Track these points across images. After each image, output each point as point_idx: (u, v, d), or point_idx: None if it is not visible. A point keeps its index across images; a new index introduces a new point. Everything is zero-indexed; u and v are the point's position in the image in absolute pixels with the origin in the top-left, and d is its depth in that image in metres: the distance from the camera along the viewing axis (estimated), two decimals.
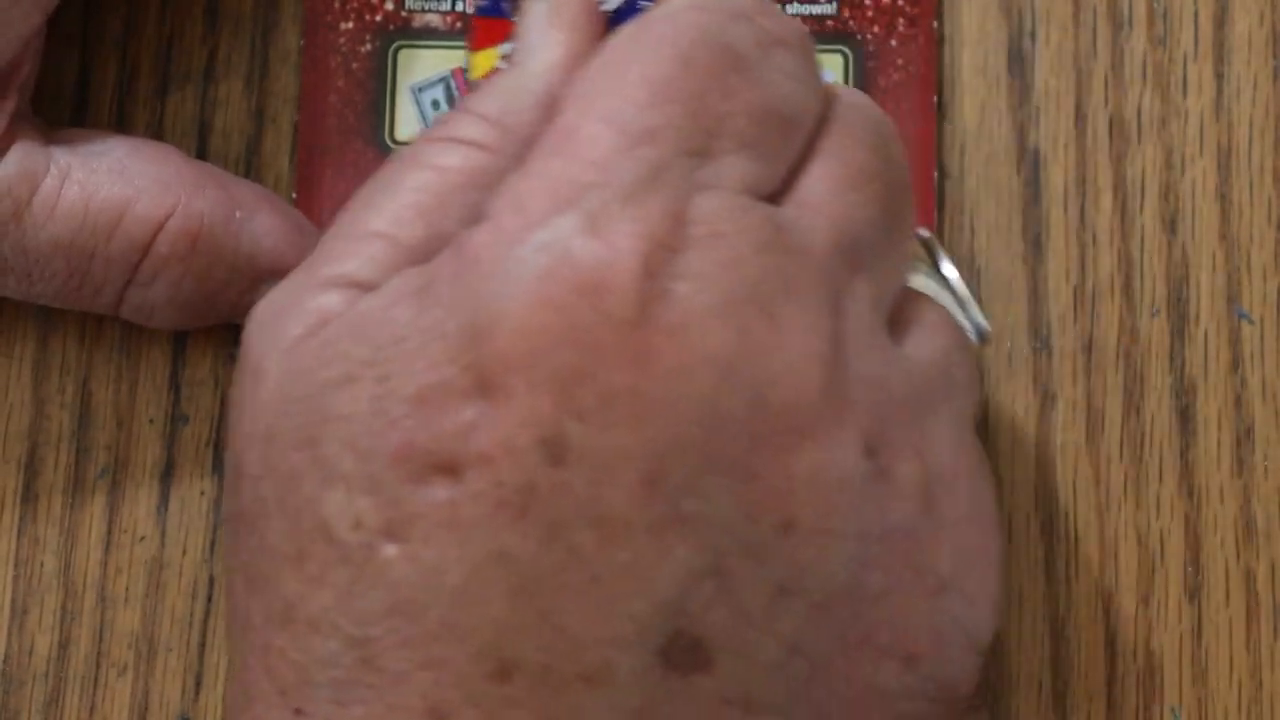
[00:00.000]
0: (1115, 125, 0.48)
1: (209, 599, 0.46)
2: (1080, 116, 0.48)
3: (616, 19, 0.41)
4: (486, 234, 0.36)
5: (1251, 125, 0.48)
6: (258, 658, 0.36)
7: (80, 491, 0.47)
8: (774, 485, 0.35)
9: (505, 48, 0.44)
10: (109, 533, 0.47)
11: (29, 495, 0.47)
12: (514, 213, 0.36)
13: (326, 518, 0.36)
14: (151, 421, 0.47)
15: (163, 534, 0.47)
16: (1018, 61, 0.49)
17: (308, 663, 0.36)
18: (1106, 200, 0.48)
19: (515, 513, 0.35)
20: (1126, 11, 0.49)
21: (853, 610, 0.37)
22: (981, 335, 0.44)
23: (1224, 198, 0.48)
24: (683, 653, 0.35)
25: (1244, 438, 0.47)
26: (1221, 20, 0.49)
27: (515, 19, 0.43)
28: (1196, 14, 0.49)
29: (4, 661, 0.46)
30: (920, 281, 0.43)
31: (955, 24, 0.49)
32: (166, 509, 0.47)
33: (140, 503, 0.47)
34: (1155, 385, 0.47)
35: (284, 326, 0.38)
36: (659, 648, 0.35)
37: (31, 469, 0.47)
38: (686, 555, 0.35)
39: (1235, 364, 0.47)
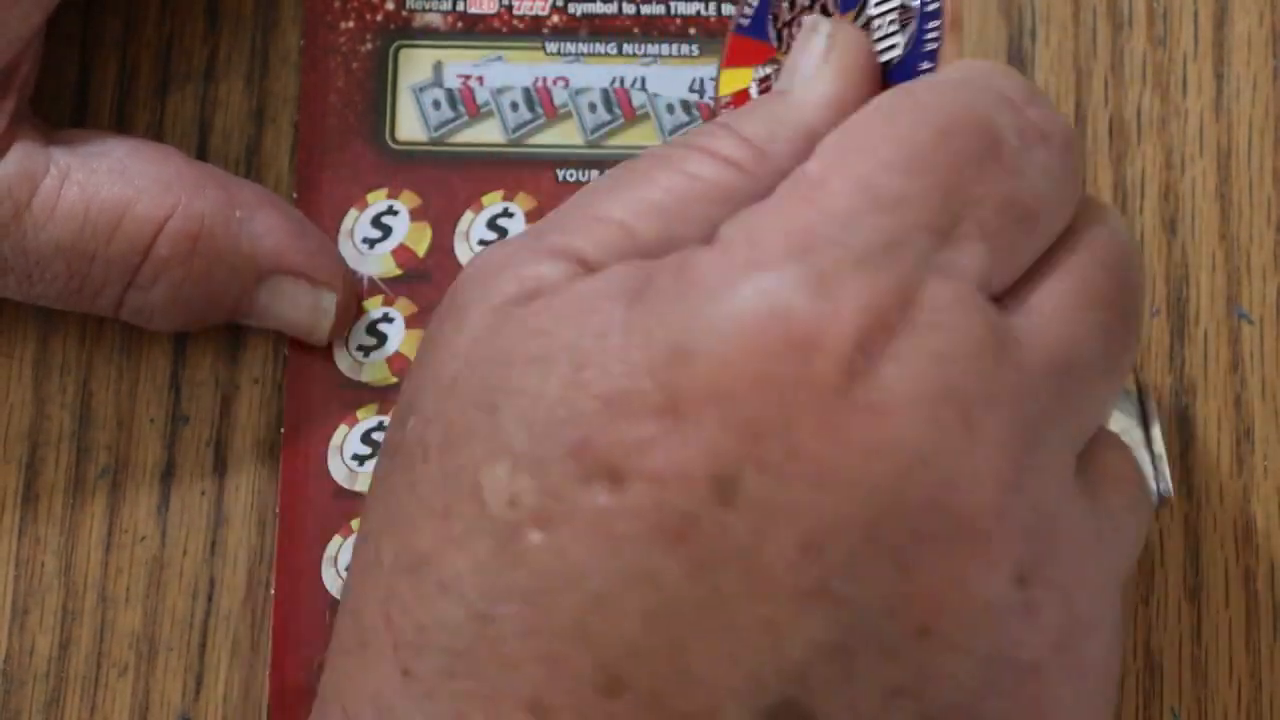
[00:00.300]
0: (1115, 125, 0.48)
1: (209, 599, 0.46)
2: (1080, 116, 0.48)
3: (891, 73, 0.41)
4: (714, 257, 0.36)
5: (1251, 125, 0.48)
6: (379, 601, 0.36)
7: (81, 491, 0.47)
8: (924, 588, 0.35)
9: (760, 71, 0.43)
10: (109, 533, 0.47)
11: (29, 495, 0.47)
12: (746, 245, 0.36)
13: (483, 485, 0.35)
14: (152, 421, 0.47)
15: (163, 534, 0.47)
16: (1018, 61, 0.49)
17: (429, 624, 0.35)
18: (1106, 200, 0.48)
19: (671, 539, 0.34)
20: (1126, 11, 0.49)
21: None
22: (1164, 498, 0.43)
23: (1224, 198, 0.48)
24: None
25: (1244, 438, 0.47)
26: (1221, 20, 0.49)
27: (775, 45, 0.43)
28: (1196, 14, 0.49)
29: (5, 661, 0.46)
30: (1121, 422, 0.43)
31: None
32: (167, 509, 0.47)
33: (140, 503, 0.47)
34: (1155, 385, 0.47)
35: (499, 283, 0.37)
36: (768, 709, 0.35)
37: (32, 469, 0.47)
38: (821, 629, 0.35)
39: (1235, 364, 0.47)
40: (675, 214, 0.38)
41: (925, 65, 0.40)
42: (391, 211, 0.48)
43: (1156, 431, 0.43)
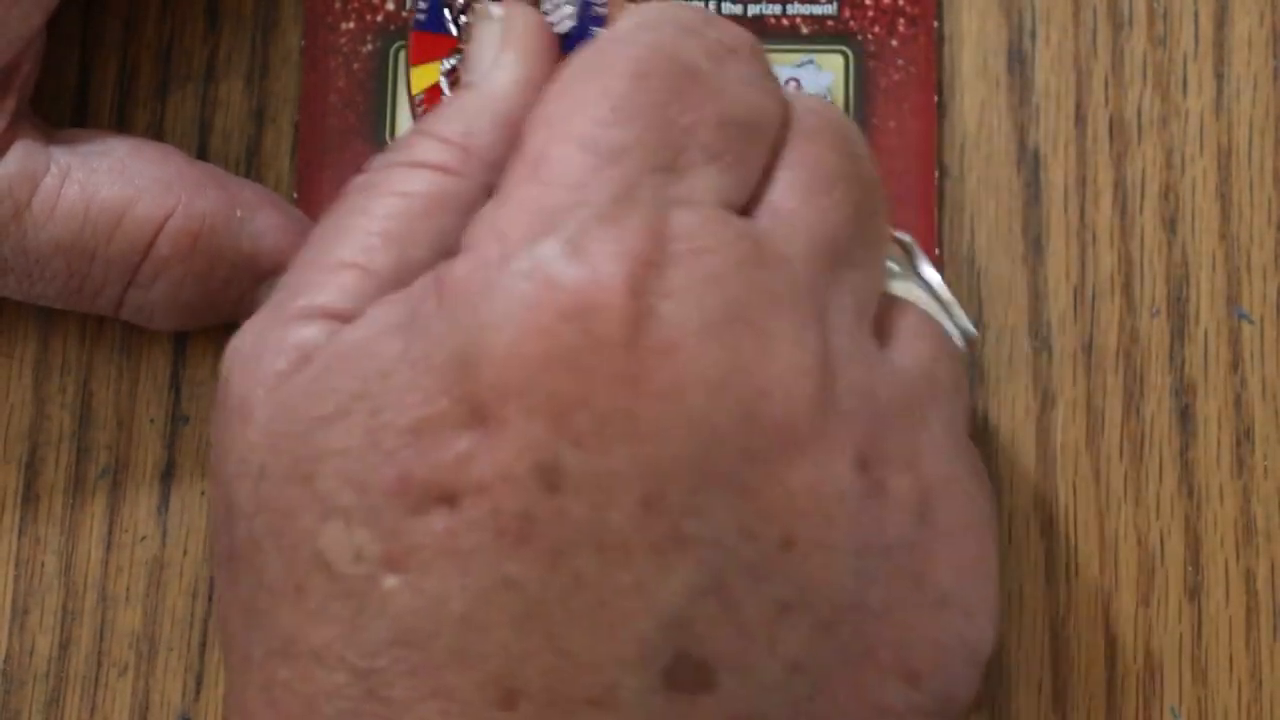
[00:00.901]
0: (1115, 125, 0.48)
1: (209, 599, 0.46)
2: (1080, 116, 0.48)
3: (568, 43, 0.42)
4: (468, 264, 0.36)
5: (1251, 125, 0.48)
6: (259, 692, 0.36)
7: (81, 491, 0.47)
8: (771, 501, 0.35)
9: (446, 64, 0.44)
10: (109, 533, 0.47)
11: (30, 495, 0.47)
12: (493, 241, 0.36)
13: (324, 551, 0.36)
14: (152, 421, 0.47)
15: (163, 534, 0.47)
16: (1018, 61, 0.49)
17: (313, 694, 0.36)
18: (1106, 200, 0.48)
19: (515, 540, 0.35)
20: (1126, 11, 0.49)
21: (855, 627, 0.36)
22: (968, 338, 0.43)
23: (1224, 198, 0.48)
24: (686, 673, 0.35)
25: (1244, 438, 0.47)
26: (1221, 20, 0.49)
27: (456, 35, 0.43)
28: (1196, 14, 0.49)
29: (5, 661, 0.46)
30: (902, 286, 0.43)
31: (955, 24, 0.49)
32: (167, 509, 0.47)
33: (141, 503, 0.47)
34: (1155, 385, 0.47)
35: (265, 362, 0.37)
36: (663, 669, 0.35)
37: (32, 469, 0.47)
38: (688, 574, 0.35)
39: (1235, 364, 0.47)
40: (404, 238, 0.38)
41: (596, 29, 0.41)
42: None
43: (934, 276, 0.43)
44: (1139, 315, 0.47)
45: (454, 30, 0.44)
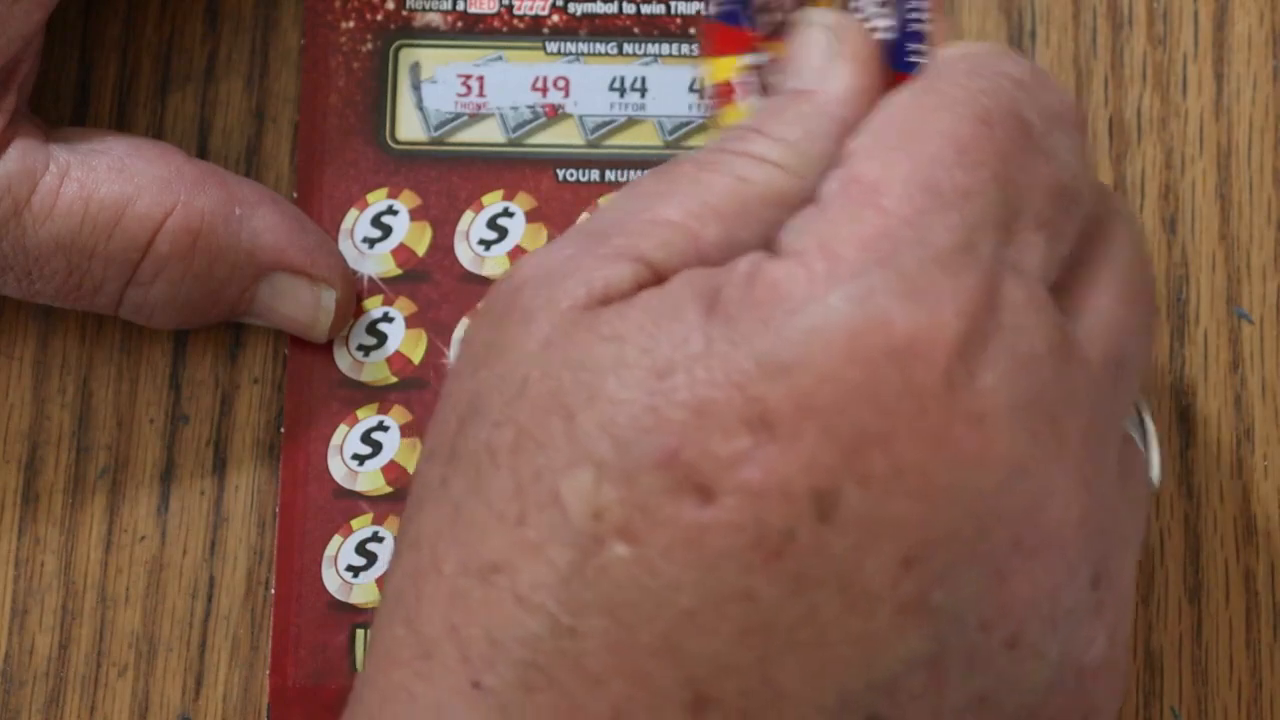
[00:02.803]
0: (1115, 125, 0.48)
1: (209, 599, 0.46)
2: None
3: (889, 53, 0.40)
4: (792, 269, 0.35)
5: (1251, 125, 0.48)
6: (442, 609, 0.35)
7: (80, 491, 0.47)
8: (1015, 596, 0.35)
9: (744, 60, 0.42)
10: (109, 533, 0.47)
11: (29, 495, 0.47)
12: (822, 256, 0.35)
13: (564, 494, 0.34)
14: (151, 421, 0.47)
15: (163, 534, 0.47)
16: None
17: (504, 637, 0.34)
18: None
19: (768, 555, 0.34)
20: (1126, 11, 0.49)
21: None
22: (1156, 480, 0.42)
23: (1224, 197, 0.48)
24: None
25: (1244, 438, 0.47)
26: (1221, 20, 0.49)
27: (755, 31, 0.42)
28: (1196, 14, 0.49)
29: (4, 661, 0.46)
30: None
31: (955, 24, 0.49)
32: (166, 509, 0.47)
33: (140, 503, 0.47)
34: (1155, 385, 0.47)
35: (566, 286, 0.36)
36: None
37: (32, 469, 0.47)
38: (917, 643, 0.34)
39: (1235, 364, 0.47)
40: (734, 217, 0.37)
41: (914, 46, 0.39)
42: (391, 211, 0.48)
43: (1148, 414, 0.42)
44: None
45: (753, 25, 0.42)
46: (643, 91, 0.48)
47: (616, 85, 0.49)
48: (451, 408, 0.37)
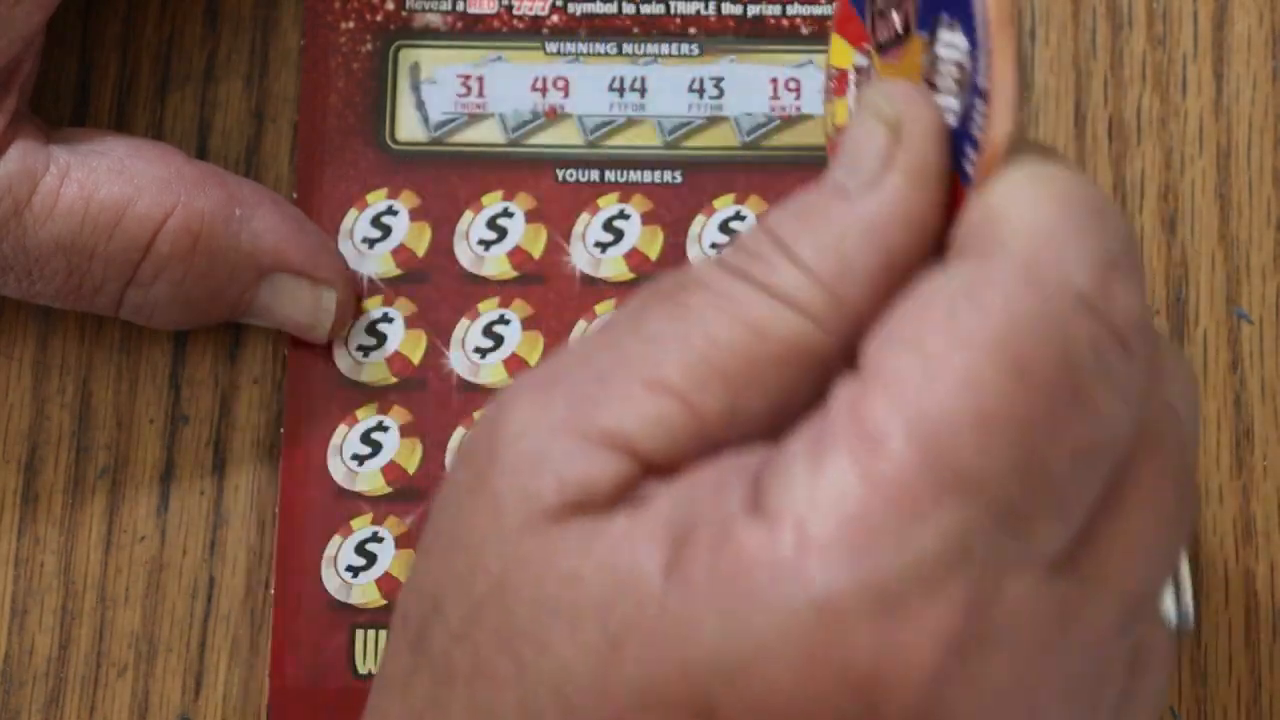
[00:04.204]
0: (1115, 125, 0.48)
1: (209, 599, 0.46)
2: (1080, 116, 0.48)
3: (952, 142, 0.35)
4: (759, 541, 0.31)
5: (1251, 125, 0.48)
6: None
7: (80, 491, 0.47)
8: None
9: (858, 59, 0.37)
10: (109, 533, 0.47)
11: (29, 495, 0.47)
12: (794, 530, 0.31)
13: None
14: (151, 421, 0.47)
15: (163, 534, 0.47)
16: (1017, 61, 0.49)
17: None
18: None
19: None
20: (1126, 11, 0.49)
21: None
22: (1183, 624, 0.38)
23: (1224, 198, 0.48)
24: None
25: (1243, 438, 0.47)
26: (1221, 20, 0.49)
27: (867, 28, 0.38)
28: (1196, 14, 0.49)
29: (4, 661, 0.46)
30: None
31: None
32: (166, 509, 0.47)
33: (140, 503, 0.47)
34: None
35: (541, 481, 0.33)
36: None
37: (32, 469, 0.47)
38: None
39: (1235, 364, 0.47)
40: (741, 384, 0.33)
41: (969, 151, 0.33)
42: (391, 211, 0.48)
43: (1184, 570, 0.38)
44: None
45: (868, 23, 0.38)
46: (642, 91, 0.48)
47: (616, 85, 0.49)
48: (418, 589, 0.34)
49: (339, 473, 0.47)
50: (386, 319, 0.47)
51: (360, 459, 0.47)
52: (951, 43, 0.34)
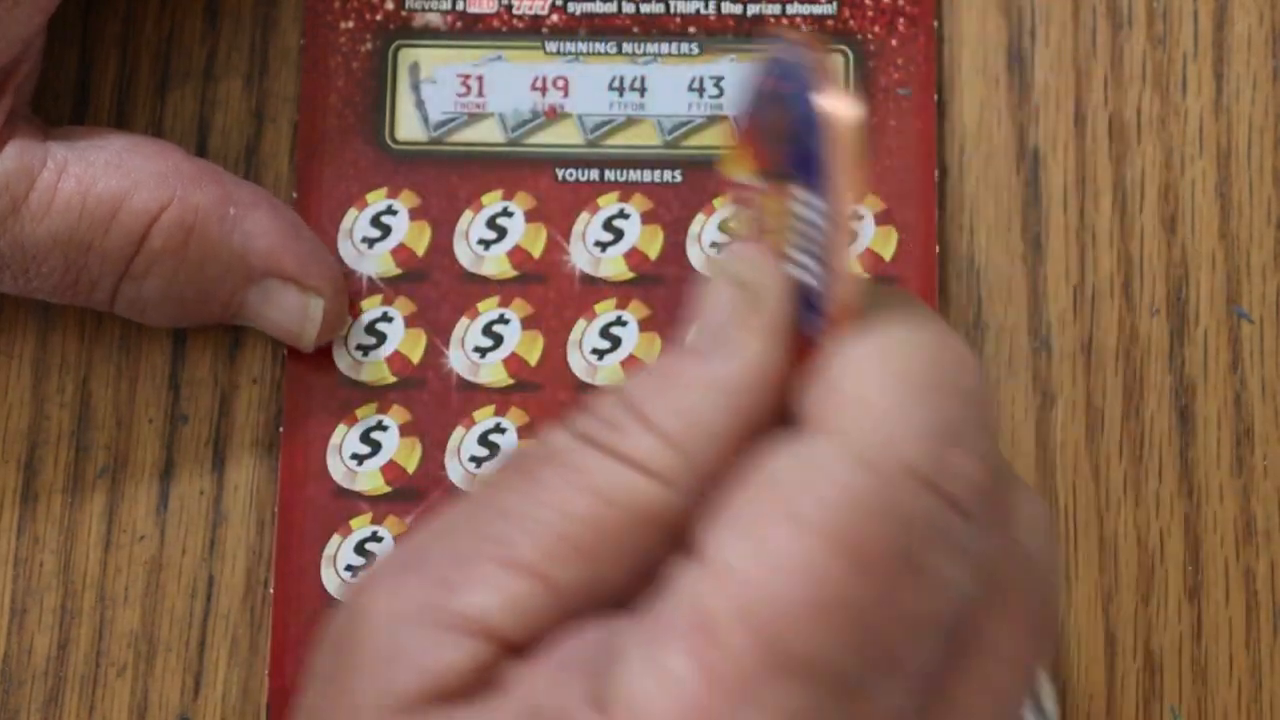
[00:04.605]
0: (1115, 125, 0.48)
1: (208, 598, 0.46)
2: (1080, 116, 0.48)
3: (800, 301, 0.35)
4: None
5: (1251, 125, 0.48)
6: None
7: (80, 491, 0.47)
8: None
9: (746, 178, 0.36)
10: (109, 532, 0.47)
11: (29, 495, 0.47)
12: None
13: None
14: (151, 421, 0.47)
15: (162, 533, 0.47)
16: (1017, 61, 0.49)
17: None
18: (1106, 200, 0.48)
19: None
20: (1126, 11, 0.49)
21: None
22: None
23: (1224, 198, 0.48)
24: None
25: (1243, 438, 0.47)
26: (1221, 20, 0.49)
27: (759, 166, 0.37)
28: (1196, 14, 0.49)
29: (4, 661, 0.46)
30: None
31: (955, 24, 0.49)
32: (166, 508, 0.47)
33: (140, 502, 0.47)
34: (1155, 385, 0.47)
35: (398, 670, 0.33)
36: None
37: (31, 468, 0.47)
38: None
39: (1235, 364, 0.47)
40: (596, 555, 0.33)
41: (814, 312, 0.34)
42: (391, 211, 0.48)
43: (1050, 704, 0.40)
44: (1139, 315, 0.47)
45: (763, 147, 0.36)
46: (642, 91, 0.48)
47: (616, 85, 0.49)
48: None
49: (338, 472, 0.46)
50: (386, 318, 0.47)
51: (360, 458, 0.47)
52: (807, 202, 0.34)
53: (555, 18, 0.49)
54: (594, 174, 0.48)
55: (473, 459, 0.46)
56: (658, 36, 0.49)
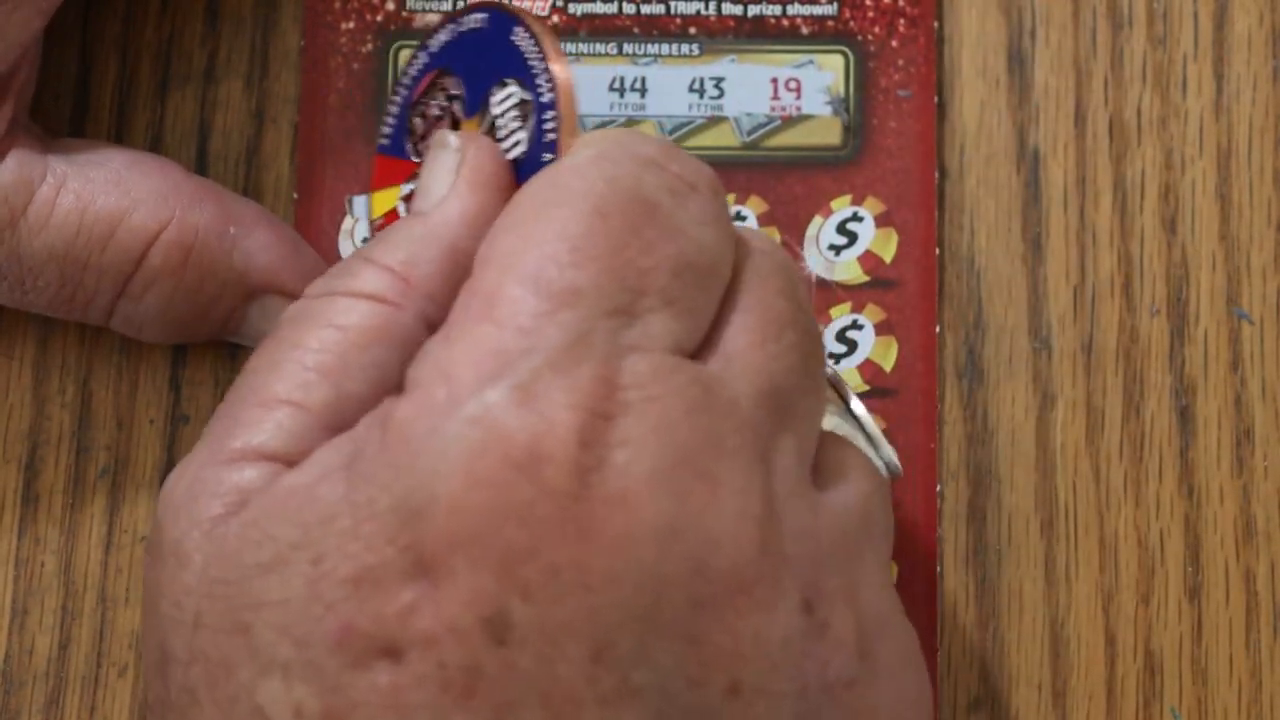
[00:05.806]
0: (1115, 125, 0.48)
1: None
2: (1080, 116, 0.48)
3: (520, 169, 0.41)
4: (413, 406, 0.35)
5: (1251, 125, 0.48)
6: None
7: (80, 491, 0.47)
8: (719, 648, 0.35)
9: (405, 189, 0.43)
10: (109, 533, 0.47)
11: (29, 495, 0.47)
12: (440, 383, 0.35)
13: (264, 706, 0.35)
14: (151, 422, 0.47)
15: None
16: (1017, 61, 0.49)
17: None
18: (1106, 200, 0.48)
19: (461, 694, 0.34)
20: (1126, 11, 0.49)
21: None
22: (893, 472, 0.43)
23: (1224, 198, 0.48)
24: None
25: (1244, 438, 0.47)
26: (1221, 20, 0.49)
27: (418, 160, 0.43)
28: (1196, 14, 0.49)
29: (4, 661, 0.46)
30: (830, 421, 0.43)
31: (955, 24, 0.49)
32: None
33: (140, 503, 0.47)
34: (1155, 385, 0.47)
35: (202, 505, 0.37)
36: None
37: (32, 469, 0.47)
38: None
39: (1235, 364, 0.47)
40: (339, 371, 0.38)
41: (547, 157, 0.40)
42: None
43: (862, 411, 0.44)
44: (1139, 315, 0.47)
45: (415, 155, 0.43)
46: (642, 91, 0.48)
47: (616, 85, 0.49)
48: (150, 657, 0.37)
49: None
50: None
51: None
52: (507, 95, 0.41)
53: (555, 18, 0.49)
54: None
55: None
56: (658, 37, 0.49)
